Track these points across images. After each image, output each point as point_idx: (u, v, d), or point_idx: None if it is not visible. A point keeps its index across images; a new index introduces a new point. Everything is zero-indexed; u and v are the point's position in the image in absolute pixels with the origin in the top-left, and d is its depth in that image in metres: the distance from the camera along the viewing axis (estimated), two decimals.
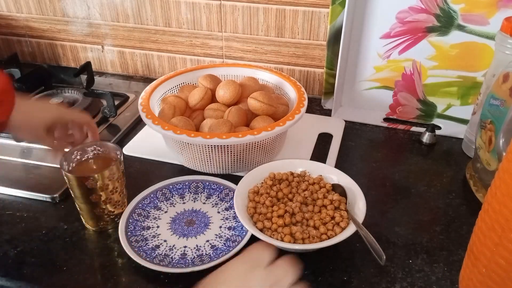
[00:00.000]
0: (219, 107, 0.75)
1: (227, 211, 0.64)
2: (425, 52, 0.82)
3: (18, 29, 1.12)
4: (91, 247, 0.60)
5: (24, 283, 0.55)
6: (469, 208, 0.66)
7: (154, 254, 0.57)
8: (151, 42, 1.04)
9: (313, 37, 0.92)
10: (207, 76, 0.81)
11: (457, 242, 0.60)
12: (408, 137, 0.84)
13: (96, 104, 0.93)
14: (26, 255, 0.58)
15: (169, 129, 0.66)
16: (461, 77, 0.82)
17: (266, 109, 0.72)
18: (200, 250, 0.58)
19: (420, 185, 0.71)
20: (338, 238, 0.54)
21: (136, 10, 1.00)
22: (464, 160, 0.77)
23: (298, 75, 0.99)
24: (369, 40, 0.84)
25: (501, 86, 0.63)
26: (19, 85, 0.91)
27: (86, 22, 1.05)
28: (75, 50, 1.11)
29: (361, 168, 0.76)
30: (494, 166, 0.63)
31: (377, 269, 0.56)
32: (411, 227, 0.63)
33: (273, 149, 0.73)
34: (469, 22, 0.77)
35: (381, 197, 0.69)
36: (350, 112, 0.91)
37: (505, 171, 0.41)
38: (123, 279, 0.55)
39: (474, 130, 0.73)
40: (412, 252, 0.59)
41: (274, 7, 0.91)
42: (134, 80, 1.09)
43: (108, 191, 0.59)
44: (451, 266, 0.57)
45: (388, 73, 0.86)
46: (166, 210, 0.65)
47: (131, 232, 0.60)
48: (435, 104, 0.87)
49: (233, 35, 0.97)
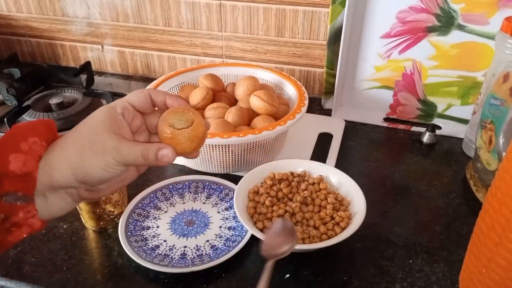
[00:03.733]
0: (220, 107, 0.75)
1: (227, 211, 0.64)
2: (425, 52, 0.82)
3: (18, 29, 1.11)
4: (91, 247, 0.60)
5: (24, 283, 0.55)
6: (469, 208, 0.66)
7: (154, 254, 0.57)
8: (151, 41, 1.04)
9: (313, 37, 0.92)
10: (208, 76, 0.81)
11: (457, 242, 0.60)
12: (408, 137, 0.84)
13: (96, 104, 0.93)
14: (26, 255, 0.58)
15: None
16: (461, 77, 0.82)
17: (268, 109, 0.72)
18: (200, 250, 0.58)
19: (420, 185, 0.71)
20: (338, 238, 0.54)
21: (136, 9, 1.00)
22: (464, 160, 0.77)
23: (298, 74, 0.99)
24: (369, 40, 0.84)
25: (501, 86, 0.63)
26: (19, 85, 0.91)
27: (86, 21, 1.05)
28: (75, 49, 1.11)
29: (361, 168, 0.76)
30: (494, 166, 0.63)
31: (377, 269, 0.56)
32: (411, 227, 0.63)
33: (273, 149, 0.73)
34: (469, 22, 0.77)
35: (381, 197, 0.69)
36: (350, 112, 0.91)
37: (505, 171, 0.40)
38: (123, 279, 0.55)
39: (474, 130, 0.72)
40: (412, 252, 0.59)
41: (274, 7, 0.91)
42: (134, 80, 1.09)
43: None
44: (451, 266, 0.57)
45: (388, 73, 0.86)
46: (166, 210, 0.65)
47: (131, 232, 0.60)
48: (435, 104, 0.87)
49: (233, 34, 0.97)
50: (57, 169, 0.35)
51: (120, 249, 0.58)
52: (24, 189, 0.34)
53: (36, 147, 0.35)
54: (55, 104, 0.90)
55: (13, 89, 0.90)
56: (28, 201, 0.35)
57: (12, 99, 0.90)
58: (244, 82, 0.78)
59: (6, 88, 0.90)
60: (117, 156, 0.36)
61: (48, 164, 0.35)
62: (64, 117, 0.87)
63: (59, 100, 0.91)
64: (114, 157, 0.36)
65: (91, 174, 0.36)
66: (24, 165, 0.34)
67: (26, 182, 0.34)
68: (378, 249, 0.59)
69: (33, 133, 0.35)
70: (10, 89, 0.90)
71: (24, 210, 0.35)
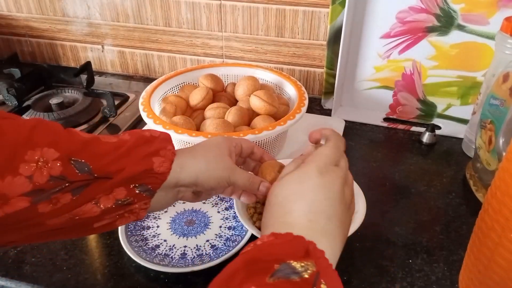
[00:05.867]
0: (220, 107, 0.75)
1: (227, 210, 0.65)
2: (425, 52, 0.82)
3: (18, 29, 1.12)
4: (91, 246, 0.60)
5: (24, 283, 0.55)
6: (469, 208, 0.66)
7: (154, 254, 0.57)
8: (151, 42, 1.04)
9: (313, 37, 0.92)
10: (208, 76, 0.81)
11: (457, 242, 0.60)
12: (408, 137, 0.84)
13: (96, 104, 0.93)
14: (26, 255, 0.58)
15: (170, 128, 0.66)
16: (461, 77, 0.82)
17: (268, 109, 0.72)
18: (200, 250, 0.58)
19: (420, 185, 0.71)
20: None
21: (136, 10, 1.00)
22: (464, 160, 0.77)
23: (298, 75, 0.99)
24: (369, 40, 0.84)
25: (501, 86, 0.63)
26: (19, 85, 0.91)
27: (86, 22, 1.05)
28: (75, 50, 1.11)
29: (361, 168, 0.76)
30: (494, 166, 0.63)
31: (377, 269, 0.56)
32: (411, 227, 0.63)
33: (273, 149, 0.73)
34: (469, 22, 0.77)
35: (381, 197, 0.69)
36: (350, 112, 0.91)
37: (505, 171, 0.41)
38: (123, 278, 0.55)
39: (474, 130, 0.72)
40: (412, 252, 0.59)
41: (274, 7, 0.91)
42: (134, 80, 1.09)
43: None
44: (451, 266, 0.57)
45: (388, 73, 0.86)
46: (166, 210, 0.65)
47: (131, 232, 0.60)
48: (435, 104, 0.87)
49: (233, 35, 0.97)
50: (186, 172, 0.44)
51: (120, 249, 0.58)
52: (154, 183, 0.42)
53: (170, 154, 0.44)
54: (55, 104, 0.90)
55: (13, 89, 0.90)
56: (151, 194, 0.43)
57: (12, 99, 0.90)
58: (244, 82, 0.78)
59: (6, 88, 0.90)
60: (231, 175, 0.45)
61: (180, 166, 0.44)
62: (64, 117, 0.87)
63: (59, 100, 0.91)
64: (229, 174, 0.45)
65: (208, 181, 0.45)
66: (161, 166, 0.43)
67: (158, 178, 0.42)
68: (378, 249, 0.59)
69: (168, 143, 0.44)
70: (10, 89, 0.90)
71: (142, 201, 0.43)
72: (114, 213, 0.42)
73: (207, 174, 0.45)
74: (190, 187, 0.46)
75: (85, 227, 0.41)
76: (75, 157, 0.38)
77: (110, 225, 0.43)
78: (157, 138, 0.44)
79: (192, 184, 0.45)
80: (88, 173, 0.38)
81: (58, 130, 0.39)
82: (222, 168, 0.45)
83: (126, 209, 0.42)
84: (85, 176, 0.38)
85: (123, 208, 0.42)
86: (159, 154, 0.43)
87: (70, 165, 0.38)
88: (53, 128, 0.39)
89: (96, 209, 0.40)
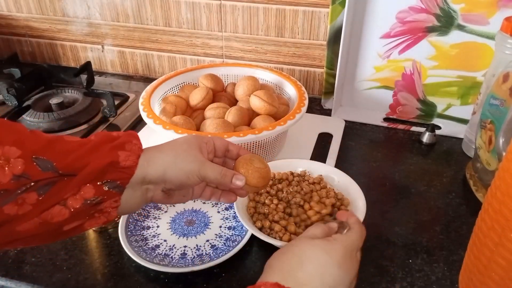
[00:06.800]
0: (220, 107, 0.75)
1: (227, 210, 0.65)
2: (425, 52, 0.82)
3: (18, 29, 1.12)
4: (91, 246, 0.60)
5: (24, 283, 0.55)
6: (469, 208, 0.66)
7: (154, 254, 0.57)
8: (151, 42, 1.04)
9: (313, 37, 0.92)
10: (208, 76, 0.81)
11: (457, 242, 0.60)
12: (408, 137, 0.84)
13: (96, 104, 0.93)
14: (26, 255, 0.58)
15: (170, 128, 0.66)
16: (461, 77, 0.82)
17: (268, 109, 0.72)
18: (200, 250, 0.58)
19: (420, 185, 0.71)
20: None
21: (136, 10, 1.00)
22: (464, 160, 0.77)
23: (298, 75, 0.99)
24: (369, 40, 0.84)
25: (501, 86, 0.63)
26: (19, 85, 0.91)
27: (86, 22, 1.05)
28: (75, 50, 1.11)
29: (361, 168, 0.76)
30: (494, 166, 0.63)
31: (377, 269, 0.56)
32: (411, 227, 0.63)
33: (273, 148, 0.73)
34: (469, 22, 0.77)
35: (381, 197, 0.69)
36: (350, 112, 0.91)
37: (505, 170, 0.41)
38: (123, 278, 0.55)
39: (474, 130, 0.73)
40: (412, 252, 0.59)
41: (274, 7, 0.91)
42: (134, 80, 1.09)
43: None
44: (451, 266, 0.57)
45: (388, 73, 0.86)
46: (166, 210, 0.65)
47: (131, 232, 0.60)
48: (435, 104, 0.87)
49: (233, 35, 0.97)
50: (154, 166, 0.44)
51: (120, 249, 0.58)
52: (122, 179, 0.42)
53: (136, 148, 0.44)
54: (55, 104, 0.90)
55: (13, 89, 0.90)
56: (120, 191, 0.42)
57: (12, 99, 0.90)
58: (244, 82, 0.78)
59: (6, 88, 0.90)
60: (201, 168, 0.44)
61: (147, 160, 0.44)
62: (64, 117, 0.87)
63: (59, 100, 0.91)
64: (199, 168, 0.44)
65: (177, 175, 0.44)
66: (128, 159, 0.42)
67: (125, 173, 0.42)
68: (378, 249, 0.59)
69: (133, 138, 0.44)
70: (10, 89, 0.90)
71: (112, 199, 0.42)
72: (84, 214, 0.41)
73: (175, 168, 0.44)
74: (159, 184, 0.45)
75: (55, 231, 0.40)
76: (38, 155, 0.38)
77: (80, 227, 0.42)
78: (122, 135, 0.44)
79: (161, 180, 0.44)
80: (52, 170, 0.38)
81: (21, 130, 0.39)
82: (190, 161, 0.45)
83: (96, 209, 0.41)
84: (49, 174, 0.38)
85: (93, 207, 0.41)
86: (124, 148, 0.42)
87: (33, 163, 0.37)
88: (16, 128, 0.39)
89: (65, 211, 0.39)
